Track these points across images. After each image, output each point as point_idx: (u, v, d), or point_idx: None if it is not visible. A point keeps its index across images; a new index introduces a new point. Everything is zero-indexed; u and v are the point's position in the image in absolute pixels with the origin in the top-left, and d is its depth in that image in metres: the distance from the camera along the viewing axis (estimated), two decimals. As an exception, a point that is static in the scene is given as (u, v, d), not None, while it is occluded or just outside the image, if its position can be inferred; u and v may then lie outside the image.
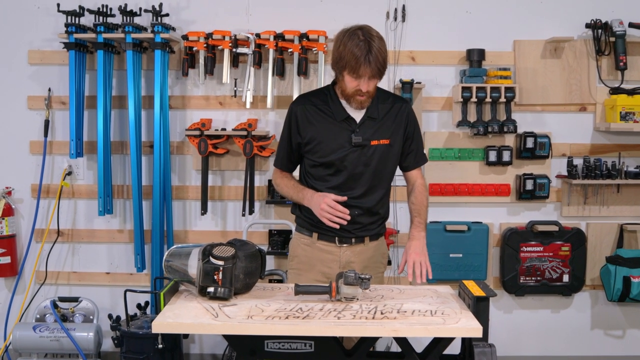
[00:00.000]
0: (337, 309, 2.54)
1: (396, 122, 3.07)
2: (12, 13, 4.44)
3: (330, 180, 3.03)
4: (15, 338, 4.30)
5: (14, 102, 4.49)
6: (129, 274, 4.58)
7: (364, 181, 3.03)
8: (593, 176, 4.34)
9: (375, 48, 2.81)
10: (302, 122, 3.03)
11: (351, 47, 2.82)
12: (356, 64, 2.81)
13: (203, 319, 2.42)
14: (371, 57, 2.79)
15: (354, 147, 2.99)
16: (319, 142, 3.00)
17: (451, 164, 4.45)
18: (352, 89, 2.91)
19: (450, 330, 2.39)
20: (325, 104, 3.05)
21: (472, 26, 4.40)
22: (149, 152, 4.41)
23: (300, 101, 3.11)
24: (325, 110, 3.03)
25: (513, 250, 4.40)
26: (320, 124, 3.02)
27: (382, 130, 3.03)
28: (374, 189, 3.06)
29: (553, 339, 4.60)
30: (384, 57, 2.84)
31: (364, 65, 2.80)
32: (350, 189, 3.02)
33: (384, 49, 2.86)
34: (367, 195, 3.05)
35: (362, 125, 3.01)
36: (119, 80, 4.44)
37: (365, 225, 3.10)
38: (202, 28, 4.32)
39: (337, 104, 3.03)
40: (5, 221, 4.43)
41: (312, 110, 3.04)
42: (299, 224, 3.21)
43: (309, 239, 3.13)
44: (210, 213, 4.52)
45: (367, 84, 2.88)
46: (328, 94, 3.07)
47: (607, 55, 4.38)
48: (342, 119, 3.01)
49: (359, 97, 2.93)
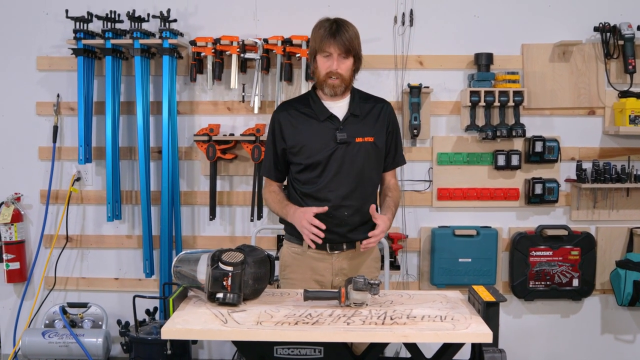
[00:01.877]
0: (347, 314, 2.53)
1: (379, 121, 3.11)
2: (21, 19, 4.46)
3: (317, 182, 3.03)
4: (24, 344, 4.30)
5: (22, 108, 4.51)
6: (138, 279, 4.58)
7: (350, 179, 3.03)
8: (602, 180, 4.32)
9: (342, 27, 2.94)
10: (285, 127, 3.07)
11: (318, 29, 2.98)
12: (322, 41, 2.94)
13: (212, 325, 2.42)
14: (337, 33, 2.92)
15: (339, 145, 3.00)
16: (304, 143, 3.03)
17: (460, 169, 4.44)
18: (324, 71, 2.98)
19: (460, 336, 2.38)
20: (307, 106, 3.09)
21: (480, 30, 4.39)
22: (158, 158, 4.42)
23: (282, 107, 3.16)
24: (307, 113, 3.07)
25: (522, 255, 4.39)
26: (304, 125, 3.05)
27: (365, 128, 3.06)
28: (360, 187, 3.06)
29: (563, 343, 4.58)
30: (351, 35, 2.95)
31: (330, 40, 2.92)
32: (337, 188, 3.02)
33: (353, 30, 2.99)
34: (353, 194, 3.04)
35: (346, 122, 3.04)
36: (127, 86, 4.45)
37: (357, 227, 3.08)
38: (210, 33, 4.33)
39: (319, 104, 3.07)
40: (15, 227, 4.45)
41: (294, 114, 3.08)
42: (288, 233, 3.20)
43: (299, 247, 3.12)
44: (219, 218, 4.52)
45: (337, 63, 2.95)
46: (309, 96, 3.13)
47: (615, 58, 4.36)
48: (325, 118, 3.03)
49: (331, 81, 2.98)
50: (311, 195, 3.05)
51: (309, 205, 3.00)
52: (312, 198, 3.05)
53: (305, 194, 3.06)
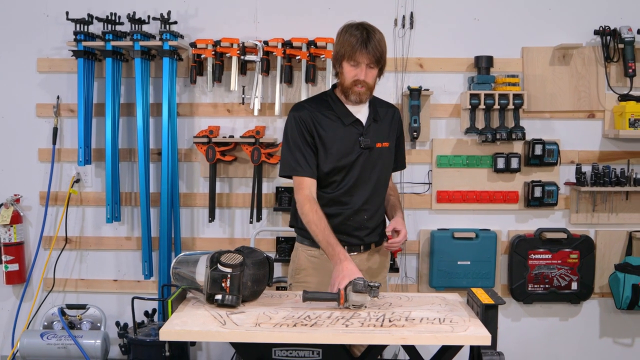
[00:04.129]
0: (345, 316, 2.53)
1: (392, 126, 3.14)
2: (21, 21, 4.46)
3: (338, 186, 3.03)
4: (22, 345, 4.30)
5: (22, 110, 4.51)
6: (137, 281, 4.58)
7: (370, 184, 3.05)
8: (602, 183, 4.32)
9: (373, 36, 2.89)
10: (310, 126, 3.00)
11: (349, 36, 2.90)
12: (353, 50, 2.87)
13: (211, 327, 2.42)
14: (369, 43, 2.86)
15: (363, 150, 3.01)
16: (330, 146, 3.00)
17: (459, 171, 4.44)
18: (350, 78, 2.94)
19: (459, 338, 2.38)
20: (328, 109, 3.05)
21: (480, 33, 4.40)
22: (157, 160, 4.42)
23: (302, 107, 3.08)
24: (330, 116, 3.03)
25: (521, 258, 4.39)
26: (329, 128, 3.01)
27: (383, 133, 3.09)
28: (377, 191, 3.09)
29: (561, 347, 4.58)
30: (382, 46, 2.91)
31: (361, 51, 2.86)
32: (358, 192, 3.03)
33: (383, 41, 2.93)
34: (372, 198, 3.07)
35: (369, 127, 3.04)
36: (127, 88, 4.45)
37: (373, 230, 3.12)
38: (210, 35, 4.33)
39: (342, 107, 3.04)
40: (14, 228, 4.45)
41: (318, 116, 3.02)
42: (301, 236, 3.17)
43: (316, 250, 3.07)
44: (218, 220, 4.52)
45: (366, 73, 2.92)
46: (330, 99, 3.08)
47: (615, 62, 4.36)
48: (350, 123, 3.02)
49: (357, 89, 2.95)
50: (332, 199, 3.04)
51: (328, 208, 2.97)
52: (333, 202, 3.04)
53: (325, 197, 3.03)
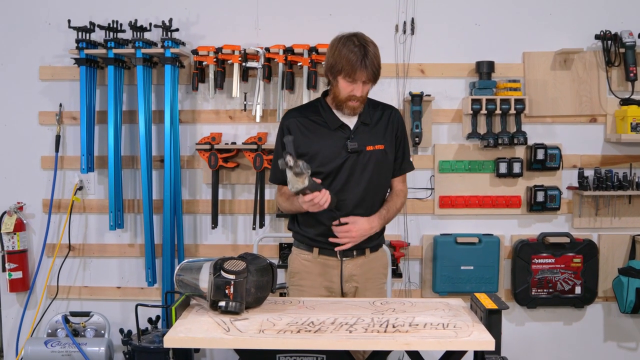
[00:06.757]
0: (349, 322, 2.53)
1: (388, 128, 3.12)
2: (24, 29, 4.48)
3: (327, 189, 3.03)
4: (27, 353, 4.29)
5: (25, 118, 4.52)
6: (140, 288, 4.58)
7: (360, 188, 3.03)
8: (604, 187, 4.32)
9: (370, 53, 2.89)
10: (296, 134, 3.02)
11: (347, 53, 2.88)
12: (352, 69, 2.87)
13: (215, 334, 2.42)
14: (367, 61, 2.86)
15: (350, 154, 3.01)
16: (316, 152, 3.01)
17: (461, 176, 4.44)
18: (346, 94, 2.95)
19: (463, 344, 2.38)
20: (317, 114, 3.07)
21: (481, 38, 4.40)
22: (160, 167, 4.42)
23: (291, 115, 3.13)
24: (318, 121, 3.06)
25: (524, 262, 4.38)
26: (315, 134, 3.04)
27: (376, 136, 3.07)
28: (370, 195, 3.07)
29: (565, 351, 4.57)
30: (378, 62, 2.92)
31: (360, 70, 2.87)
32: (347, 196, 3.02)
33: (378, 55, 2.94)
34: (364, 202, 3.05)
35: (357, 131, 3.04)
36: (129, 95, 4.46)
37: None
38: (212, 42, 4.34)
39: (330, 113, 3.06)
40: (17, 236, 4.45)
41: (305, 122, 3.06)
42: (297, 240, 3.20)
43: (309, 254, 3.12)
44: (221, 227, 4.52)
45: (362, 89, 2.94)
46: (319, 105, 3.11)
47: (617, 66, 4.37)
48: (336, 127, 3.03)
49: (351, 103, 2.97)
50: None
51: (318, 215, 2.98)
52: None
53: None
